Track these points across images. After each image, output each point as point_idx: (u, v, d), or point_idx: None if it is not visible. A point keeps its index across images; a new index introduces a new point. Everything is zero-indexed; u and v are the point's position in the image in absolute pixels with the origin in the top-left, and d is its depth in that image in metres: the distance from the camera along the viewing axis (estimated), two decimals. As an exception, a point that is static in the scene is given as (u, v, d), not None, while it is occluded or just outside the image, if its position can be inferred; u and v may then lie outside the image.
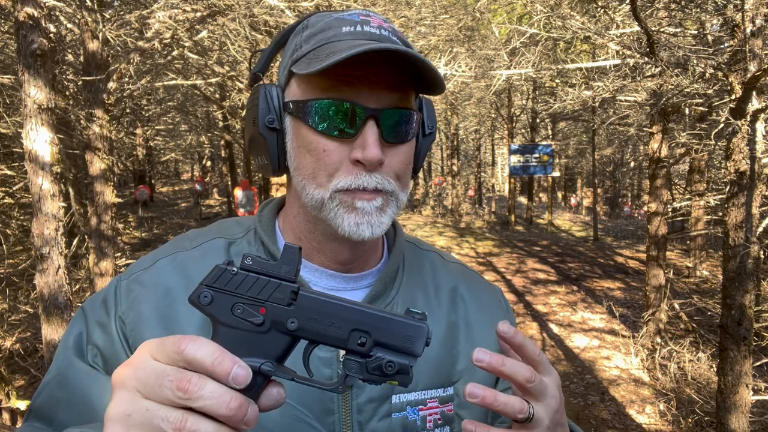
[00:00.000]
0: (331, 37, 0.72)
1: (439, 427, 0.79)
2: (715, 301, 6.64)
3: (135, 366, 0.48)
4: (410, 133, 0.75)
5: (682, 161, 9.55)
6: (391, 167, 0.74)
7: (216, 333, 0.53)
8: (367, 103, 0.70)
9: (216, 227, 0.87)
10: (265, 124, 0.75)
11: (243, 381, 0.47)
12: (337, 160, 0.71)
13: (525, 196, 23.61)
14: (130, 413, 0.46)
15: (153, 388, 0.46)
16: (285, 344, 0.53)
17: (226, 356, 0.47)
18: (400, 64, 0.70)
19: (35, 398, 0.75)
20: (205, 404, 0.45)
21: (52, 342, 3.66)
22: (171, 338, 0.48)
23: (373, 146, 0.69)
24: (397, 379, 0.52)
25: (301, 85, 0.74)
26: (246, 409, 0.47)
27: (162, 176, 26.29)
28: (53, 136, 3.58)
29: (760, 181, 3.70)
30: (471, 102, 20.22)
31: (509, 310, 0.96)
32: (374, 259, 0.86)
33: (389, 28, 0.75)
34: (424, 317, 0.54)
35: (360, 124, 0.70)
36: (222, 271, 0.53)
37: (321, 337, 0.53)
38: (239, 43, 6.31)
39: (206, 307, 0.53)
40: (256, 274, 0.53)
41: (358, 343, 0.52)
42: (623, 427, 5.42)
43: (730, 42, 4.67)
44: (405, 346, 0.52)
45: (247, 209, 8.96)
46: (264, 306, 0.52)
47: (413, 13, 9.25)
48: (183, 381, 0.46)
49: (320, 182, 0.72)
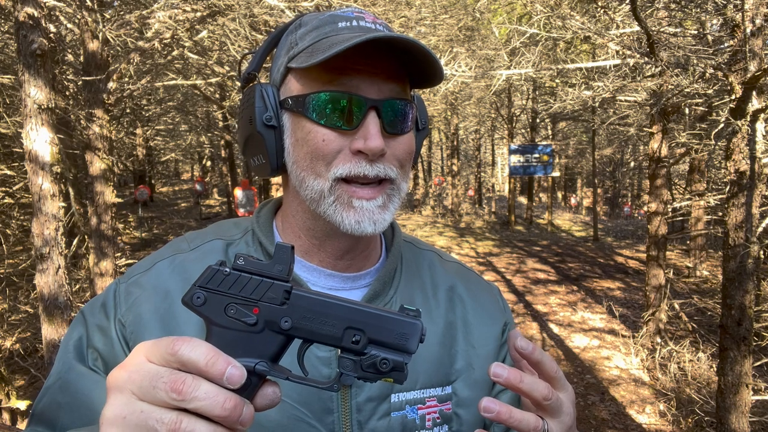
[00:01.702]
0: (329, 32, 0.73)
1: (438, 425, 0.79)
2: (715, 301, 6.64)
3: (129, 368, 0.48)
4: (409, 124, 0.76)
5: (682, 161, 9.55)
6: (395, 155, 0.74)
7: (210, 334, 0.53)
8: (368, 95, 0.71)
9: (214, 229, 0.87)
10: (263, 121, 0.76)
11: (237, 381, 0.47)
12: (336, 148, 0.72)
13: (525, 196, 23.62)
14: (125, 415, 0.46)
15: (147, 390, 0.46)
16: (279, 343, 0.53)
17: (220, 357, 0.47)
18: (399, 56, 0.71)
19: (37, 403, 0.75)
20: (199, 405, 0.46)
21: (52, 342, 3.66)
22: (165, 340, 0.48)
23: (376, 136, 0.70)
24: (392, 376, 0.52)
25: (300, 81, 0.74)
26: (241, 409, 0.47)
27: (162, 176, 26.28)
28: (53, 136, 3.58)
29: (760, 181, 3.69)
30: (471, 102, 20.21)
31: (507, 309, 0.96)
32: (372, 258, 0.86)
33: (382, 23, 0.77)
34: (418, 314, 0.54)
35: (361, 116, 0.71)
36: (214, 272, 0.53)
37: (315, 335, 0.53)
38: (239, 43, 6.31)
39: (199, 308, 0.53)
40: (249, 274, 0.53)
41: (352, 341, 0.52)
42: (623, 427, 5.42)
43: (730, 42, 4.67)
44: (399, 343, 0.52)
45: (247, 209, 8.96)
46: (257, 306, 0.52)
47: (413, 13, 9.25)
48: (177, 382, 0.46)
49: (319, 171, 0.73)
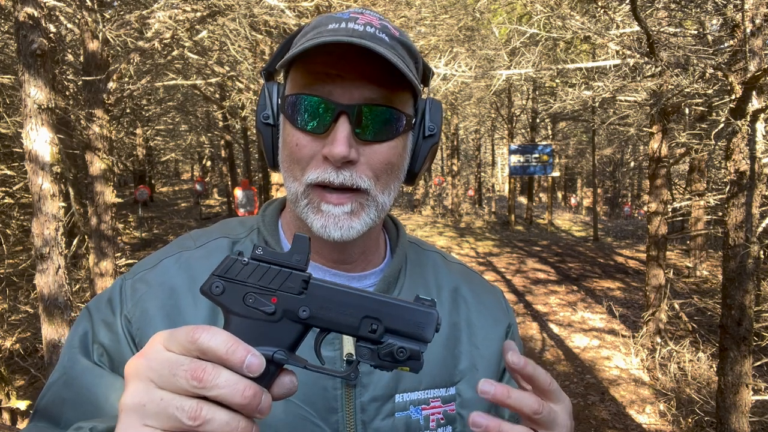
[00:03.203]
0: (316, 33, 0.72)
1: (442, 426, 0.79)
2: (715, 301, 6.64)
3: (148, 356, 0.48)
4: (391, 132, 0.73)
5: (682, 161, 9.55)
6: (368, 165, 0.72)
7: (228, 323, 0.53)
8: (340, 99, 0.70)
9: (219, 227, 0.88)
10: (261, 119, 0.78)
11: (257, 369, 0.47)
12: (309, 154, 0.72)
13: (525, 196, 23.62)
14: (144, 403, 0.46)
15: (167, 378, 0.46)
16: (297, 333, 0.53)
17: (240, 345, 0.47)
18: (379, 61, 0.69)
19: (41, 398, 0.75)
20: (219, 393, 0.46)
21: (52, 342, 3.66)
22: (184, 328, 0.48)
23: (340, 143, 0.68)
24: (409, 365, 0.52)
25: (289, 83, 0.76)
26: (260, 397, 0.47)
27: (162, 176, 26.28)
28: (53, 136, 3.58)
29: (760, 181, 3.69)
30: (471, 102, 20.22)
31: (510, 311, 0.97)
32: (377, 258, 0.86)
33: (379, 25, 0.74)
34: (433, 303, 0.54)
35: (331, 120, 0.70)
36: (233, 262, 0.53)
37: (332, 324, 0.53)
38: (239, 43, 6.32)
39: (218, 297, 0.53)
40: (267, 263, 0.53)
41: (369, 330, 0.52)
42: (623, 427, 5.42)
43: (730, 42, 4.67)
44: (415, 332, 0.53)
45: (247, 209, 8.97)
46: (275, 295, 0.53)
47: (413, 13, 9.26)
48: (197, 370, 0.46)
49: (295, 175, 0.74)
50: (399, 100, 0.74)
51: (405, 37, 0.77)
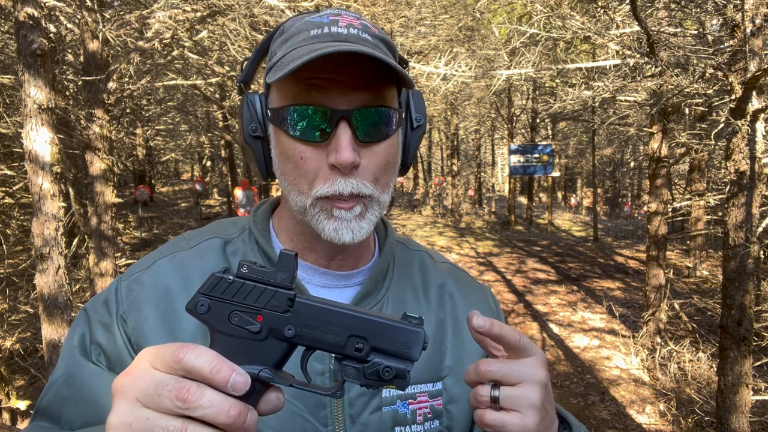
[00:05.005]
0: (300, 41, 0.72)
1: (429, 420, 0.81)
2: (715, 301, 6.64)
3: (134, 375, 0.49)
4: (387, 130, 0.74)
5: (682, 161, 9.55)
6: (368, 170, 0.73)
7: (214, 341, 0.53)
8: (338, 105, 0.70)
9: (212, 227, 0.89)
10: (249, 132, 0.77)
11: (242, 388, 0.48)
12: (315, 166, 0.72)
13: (525, 196, 23.62)
14: (130, 422, 0.47)
15: (152, 398, 0.47)
16: (282, 351, 0.53)
17: (225, 364, 0.48)
18: (369, 62, 0.70)
19: (41, 398, 0.76)
20: (204, 413, 0.46)
21: (52, 342, 3.66)
22: (169, 346, 0.49)
23: (346, 149, 0.69)
24: (395, 383, 0.53)
25: (277, 93, 0.75)
26: (245, 416, 0.47)
27: (162, 176, 26.27)
28: (53, 136, 3.57)
29: (760, 181, 3.69)
30: (471, 102, 20.21)
31: (498, 310, 0.97)
32: (366, 257, 0.87)
33: (360, 25, 0.74)
34: (420, 322, 0.54)
35: (332, 127, 0.70)
36: (218, 280, 0.53)
37: (318, 343, 0.53)
38: (239, 43, 6.31)
39: (203, 315, 0.53)
40: (253, 281, 0.53)
41: (355, 348, 0.52)
42: (623, 427, 5.42)
43: (730, 42, 4.67)
44: (402, 351, 0.53)
45: (247, 209, 8.97)
46: (261, 314, 0.52)
47: (413, 13, 9.26)
48: (182, 390, 0.46)
49: (302, 189, 0.74)
50: (389, 96, 0.75)
51: (382, 32, 0.78)
